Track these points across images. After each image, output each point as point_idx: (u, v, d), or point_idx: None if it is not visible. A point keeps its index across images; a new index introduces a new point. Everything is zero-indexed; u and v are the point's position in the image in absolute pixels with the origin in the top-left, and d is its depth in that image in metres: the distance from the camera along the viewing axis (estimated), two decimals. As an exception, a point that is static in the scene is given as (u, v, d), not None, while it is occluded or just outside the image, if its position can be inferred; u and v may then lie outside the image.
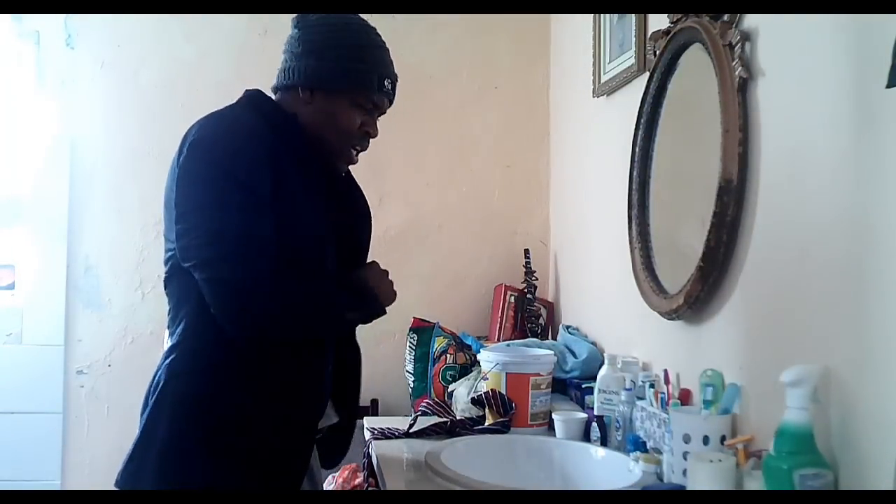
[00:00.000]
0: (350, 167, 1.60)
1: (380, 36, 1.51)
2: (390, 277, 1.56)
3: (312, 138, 1.48)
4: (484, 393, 1.97)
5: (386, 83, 1.48)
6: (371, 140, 1.55)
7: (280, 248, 1.36)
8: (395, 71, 1.52)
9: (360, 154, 1.56)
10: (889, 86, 1.02)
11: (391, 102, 1.54)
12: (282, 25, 1.57)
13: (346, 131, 1.48)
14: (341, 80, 1.45)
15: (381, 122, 1.55)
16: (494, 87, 2.89)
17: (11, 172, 2.70)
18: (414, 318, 2.56)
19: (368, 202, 1.66)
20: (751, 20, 1.49)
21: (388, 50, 1.51)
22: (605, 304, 2.29)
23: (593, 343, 2.28)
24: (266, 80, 1.55)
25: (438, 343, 2.46)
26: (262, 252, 1.33)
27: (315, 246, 1.42)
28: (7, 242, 2.70)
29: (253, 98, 1.50)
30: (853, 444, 1.16)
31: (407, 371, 2.52)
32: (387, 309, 1.54)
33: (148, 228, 2.65)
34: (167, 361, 1.41)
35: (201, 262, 1.33)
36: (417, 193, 2.85)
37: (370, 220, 1.66)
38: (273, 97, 1.52)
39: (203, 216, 1.34)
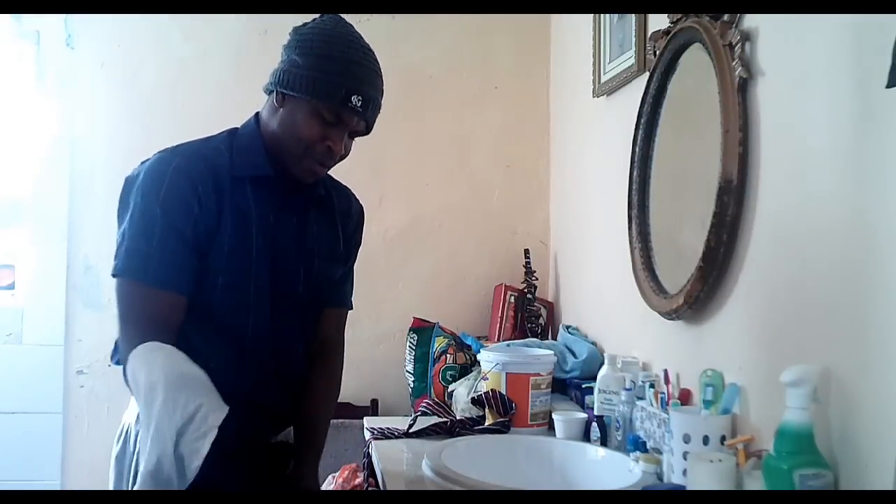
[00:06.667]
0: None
1: (368, 54, 1.45)
2: None
3: (276, 149, 1.47)
4: (484, 393, 1.97)
5: (354, 99, 1.41)
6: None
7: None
8: (375, 93, 1.44)
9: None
10: (889, 86, 1.02)
11: (366, 123, 1.47)
12: (282, 25, 1.56)
13: (305, 140, 1.43)
14: (304, 87, 1.41)
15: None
16: (494, 87, 2.89)
17: (11, 172, 2.70)
18: (414, 318, 2.56)
19: (364, 209, 1.66)
20: (751, 20, 1.49)
21: (371, 70, 1.44)
22: (605, 304, 2.29)
23: (593, 343, 2.28)
24: (266, 80, 1.54)
25: (438, 343, 2.46)
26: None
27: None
28: (7, 242, 2.70)
29: (244, 125, 1.54)
30: (853, 444, 1.16)
31: (407, 371, 2.52)
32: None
33: (148, 228, 2.65)
34: None
35: None
36: (417, 193, 2.85)
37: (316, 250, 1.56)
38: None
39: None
